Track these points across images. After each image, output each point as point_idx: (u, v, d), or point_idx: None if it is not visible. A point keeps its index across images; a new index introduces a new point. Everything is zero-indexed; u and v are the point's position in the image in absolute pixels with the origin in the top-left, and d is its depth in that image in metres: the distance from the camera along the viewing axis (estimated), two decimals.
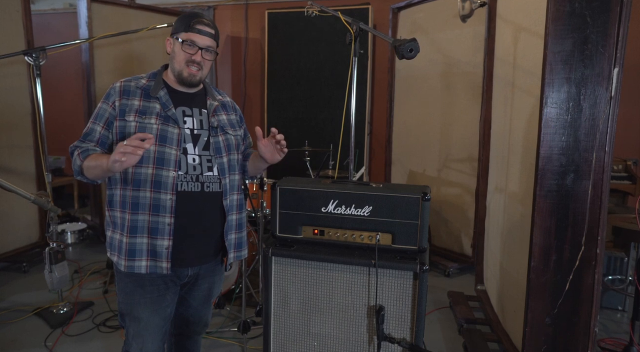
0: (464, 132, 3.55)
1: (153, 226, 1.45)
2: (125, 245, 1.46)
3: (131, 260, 1.46)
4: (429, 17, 3.69)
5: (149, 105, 1.50)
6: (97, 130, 1.49)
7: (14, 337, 2.56)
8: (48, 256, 2.63)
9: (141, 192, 1.45)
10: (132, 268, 1.46)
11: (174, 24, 1.54)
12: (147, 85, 1.53)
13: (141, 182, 1.45)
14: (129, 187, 1.46)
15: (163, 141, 1.46)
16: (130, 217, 1.46)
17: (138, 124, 1.46)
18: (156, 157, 1.45)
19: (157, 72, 1.58)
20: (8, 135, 3.43)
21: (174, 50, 1.52)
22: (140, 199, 1.45)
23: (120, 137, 1.46)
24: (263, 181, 2.82)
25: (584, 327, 1.71)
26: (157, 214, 1.45)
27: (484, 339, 2.40)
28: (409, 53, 1.61)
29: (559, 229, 1.69)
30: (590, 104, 1.61)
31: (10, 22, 3.40)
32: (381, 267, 1.49)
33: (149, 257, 1.46)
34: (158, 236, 1.46)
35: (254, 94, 5.19)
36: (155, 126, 1.47)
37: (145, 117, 1.47)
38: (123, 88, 1.50)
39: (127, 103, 1.48)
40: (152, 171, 1.45)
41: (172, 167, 1.46)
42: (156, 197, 1.45)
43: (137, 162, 1.35)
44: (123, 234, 1.47)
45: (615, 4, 1.54)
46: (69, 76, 5.36)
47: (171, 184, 1.45)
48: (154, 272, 1.47)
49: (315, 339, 1.60)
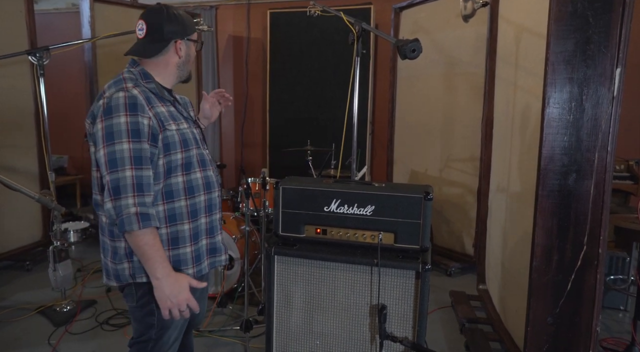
0: (465, 132, 3.55)
1: (210, 226, 1.49)
2: (191, 254, 1.42)
3: (199, 265, 1.45)
4: (430, 17, 3.69)
5: (170, 110, 1.42)
6: (146, 149, 1.29)
7: (17, 335, 2.57)
8: (52, 255, 2.64)
9: (197, 198, 1.43)
10: (201, 271, 1.46)
11: (177, 27, 1.43)
12: (152, 88, 1.40)
13: (195, 188, 1.42)
14: (183, 197, 1.39)
15: (197, 144, 1.46)
16: (192, 226, 1.42)
17: (178, 131, 1.38)
18: (199, 160, 1.45)
19: (144, 72, 1.42)
20: (12, 135, 3.44)
21: (189, 53, 1.49)
22: (197, 205, 1.43)
23: (166, 151, 1.34)
24: (266, 180, 2.83)
25: (586, 327, 1.72)
26: (211, 214, 1.49)
27: (485, 339, 2.40)
28: (411, 53, 1.62)
29: (561, 228, 1.70)
30: (592, 104, 1.61)
31: (13, 22, 3.41)
32: (383, 267, 1.50)
33: (208, 256, 1.49)
34: (215, 234, 1.51)
35: (256, 93, 5.20)
36: (188, 129, 1.44)
37: (178, 122, 1.40)
38: (145, 96, 1.35)
39: (157, 111, 1.35)
40: (201, 175, 1.45)
41: (211, 166, 1.50)
42: (209, 197, 1.47)
43: (186, 170, 1.39)
44: (184, 246, 1.40)
45: (617, 5, 1.54)
46: (72, 76, 5.38)
47: (216, 182, 1.50)
48: (213, 268, 1.52)
49: (317, 338, 1.60)
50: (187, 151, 1.40)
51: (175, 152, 1.36)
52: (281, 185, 1.63)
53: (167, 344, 1.47)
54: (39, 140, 3.57)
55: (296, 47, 4.61)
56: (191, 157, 1.41)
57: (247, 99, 5.22)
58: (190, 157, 1.41)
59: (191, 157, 1.41)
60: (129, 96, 1.29)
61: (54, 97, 4.77)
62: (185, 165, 1.40)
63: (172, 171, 1.37)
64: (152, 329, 1.43)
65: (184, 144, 1.39)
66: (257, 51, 5.12)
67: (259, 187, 2.94)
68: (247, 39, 5.12)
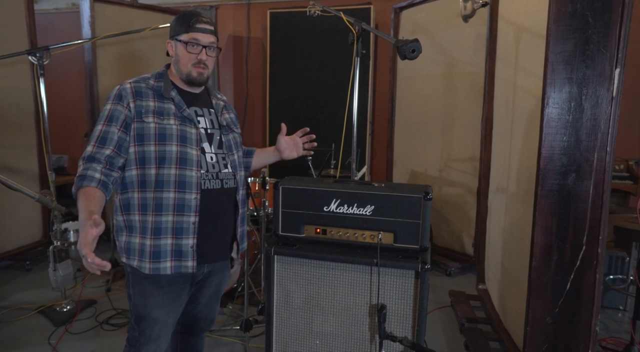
0: (465, 132, 3.55)
1: (177, 226, 1.46)
2: (149, 247, 1.45)
3: (156, 262, 1.45)
4: (430, 17, 3.70)
5: (164, 106, 1.49)
6: (114, 132, 1.44)
7: (18, 335, 2.57)
8: (52, 255, 2.65)
9: (164, 193, 1.44)
10: (158, 270, 1.45)
11: (172, 25, 1.52)
12: (157, 86, 1.51)
13: (164, 183, 1.44)
14: (151, 189, 1.45)
15: (184, 141, 1.47)
16: (154, 219, 1.44)
17: (157, 124, 1.45)
18: (179, 158, 1.45)
19: (162, 72, 1.57)
20: (12, 135, 3.44)
21: (177, 53, 1.51)
22: (164, 200, 1.44)
23: (139, 140, 1.45)
24: (265, 180, 2.83)
25: (585, 327, 1.72)
26: (181, 214, 1.46)
27: (485, 339, 2.41)
28: (411, 53, 1.62)
29: (560, 228, 1.70)
30: (591, 104, 1.62)
31: (13, 21, 3.41)
32: (383, 266, 1.50)
33: (173, 257, 1.47)
34: (183, 236, 1.47)
35: (256, 93, 5.20)
36: (175, 126, 1.47)
37: (164, 118, 1.47)
38: (135, 89, 1.47)
39: (142, 104, 1.46)
40: (176, 172, 1.45)
41: (195, 167, 1.48)
42: (180, 197, 1.45)
43: (160, 164, 1.43)
44: (145, 237, 1.45)
45: (616, 5, 1.54)
46: (71, 75, 5.37)
47: (195, 183, 1.47)
48: (178, 272, 1.47)
49: (317, 338, 1.61)
50: (161, 145, 1.44)
51: (148, 144, 1.44)
52: (281, 185, 1.63)
53: (148, 337, 1.50)
54: (39, 140, 3.57)
55: (296, 47, 4.61)
56: (166, 152, 1.44)
57: (247, 99, 5.23)
58: (165, 151, 1.44)
59: (166, 152, 1.44)
60: (120, 89, 1.48)
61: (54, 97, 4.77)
62: (159, 159, 1.44)
63: (146, 162, 1.45)
64: (131, 315, 1.54)
65: (159, 137, 1.45)
66: (257, 51, 5.13)
67: (259, 187, 2.94)
68: (247, 39, 5.12)
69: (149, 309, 1.49)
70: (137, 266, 1.47)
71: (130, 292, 1.51)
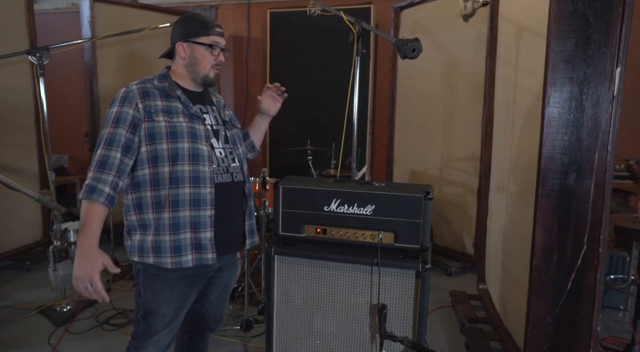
0: (465, 132, 3.55)
1: (195, 220, 1.49)
2: (169, 242, 1.47)
3: (177, 256, 1.48)
4: (431, 16, 3.69)
5: (171, 105, 1.52)
6: (121, 134, 1.44)
7: (18, 335, 2.57)
8: (52, 254, 2.64)
9: (180, 190, 1.47)
10: (180, 263, 1.48)
11: (185, 27, 1.56)
12: (162, 86, 1.54)
13: (179, 180, 1.47)
14: (165, 187, 1.47)
15: (194, 138, 1.51)
16: (172, 215, 1.47)
17: (168, 123, 1.48)
18: (191, 154, 1.49)
19: (164, 73, 1.59)
20: (11, 135, 3.44)
21: (196, 55, 1.56)
22: (180, 196, 1.47)
23: (150, 139, 1.47)
24: (265, 180, 2.82)
25: (586, 326, 1.72)
26: (198, 208, 1.49)
27: (485, 338, 2.41)
28: (411, 53, 1.62)
29: (561, 228, 1.70)
30: (592, 103, 1.61)
31: (13, 21, 3.41)
32: (383, 266, 1.50)
33: (193, 250, 1.50)
34: (201, 229, 1.50)
35: (256, 93, 5.16)
36: (185, 124, 1.51)
37: (173, 116, 1.50)
38: (142, 90, 1.50)
39: (151, 104, 1.49)
40: (189, 168, 1.48)
41: (207, 162, 1.52)
42: (196, 192, 1.49)
43: (173, 161, 1.45)
44: (163, 234, 1.47)
45: (617, 4, 1.54)
46: (71, 75, 5.37)
47: (209, 178, 1.51)
48: (199, 264, 1.51)
49: (317, 338, 1.60)
50: (173, 143, 1.47)
51: (160, 142, 1.46)
52: (281, 185, 1.63)
53: (154, 330, 1.53)
54: (39, 140, 3.57)
55: (296, 47, 4.61)
56: (179, 149, 1.47)
57: (248, 99, 5.22)
58: (177, 149, 1.47)
59: (179, 149, 1.47)
60: (127, 91, 1.49)
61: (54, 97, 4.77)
62: (172, 156, 1.47)
63: (159, 160, 1.47)
64: (139, 310, 1.54)
65: (171, 135, 1.47)
66: (257, 51, 5.12)
67: (259, 187, 2.94)
68: (247, 39, 5.12)
69: (157, 305, 1.52)
70: (154, 262, 1.48)
71: (141, 288, 1.53)
